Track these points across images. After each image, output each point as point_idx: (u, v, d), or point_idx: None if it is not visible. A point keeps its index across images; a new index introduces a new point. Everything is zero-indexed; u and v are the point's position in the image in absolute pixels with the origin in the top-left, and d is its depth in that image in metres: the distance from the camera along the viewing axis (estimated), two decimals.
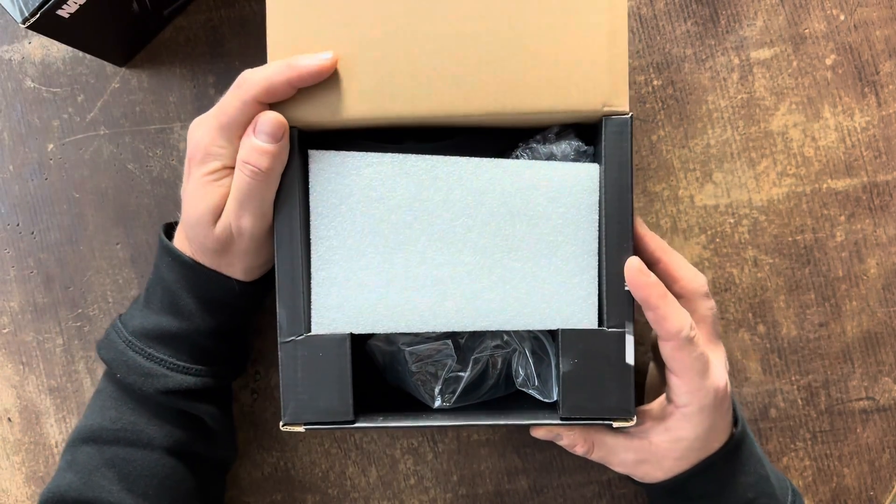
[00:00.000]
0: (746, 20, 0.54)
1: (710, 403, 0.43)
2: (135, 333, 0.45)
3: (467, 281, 0.43)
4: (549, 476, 0.56)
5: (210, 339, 0.46)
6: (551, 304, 0.43)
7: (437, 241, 0.42)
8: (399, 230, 0.42)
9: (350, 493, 0.56)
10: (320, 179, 0.42)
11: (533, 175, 0.42)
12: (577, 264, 0.43)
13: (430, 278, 0.43)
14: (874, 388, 0.55)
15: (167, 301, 0.45)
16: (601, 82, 0.41)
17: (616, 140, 0.42)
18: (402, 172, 0.42)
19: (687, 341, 0.41)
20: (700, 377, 0.43)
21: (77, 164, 0.55)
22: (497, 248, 0.43)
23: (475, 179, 0.42)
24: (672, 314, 0.41)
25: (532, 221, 0.43)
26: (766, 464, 0.48)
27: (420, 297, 0.43)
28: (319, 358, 0.42)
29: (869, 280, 0.55)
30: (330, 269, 0.42)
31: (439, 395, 0.46)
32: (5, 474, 0.56)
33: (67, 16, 0.44)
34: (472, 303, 0.43)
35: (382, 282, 0.42)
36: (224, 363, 0.48)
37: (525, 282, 0.43)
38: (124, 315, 0.48)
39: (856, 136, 0.54)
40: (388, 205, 0.42)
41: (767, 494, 0.47)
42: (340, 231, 0.42)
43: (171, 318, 0.45)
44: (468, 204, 0.42)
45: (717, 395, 0.43)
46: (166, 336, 0.45)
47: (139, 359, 0.45)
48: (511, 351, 0.47)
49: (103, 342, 0.47)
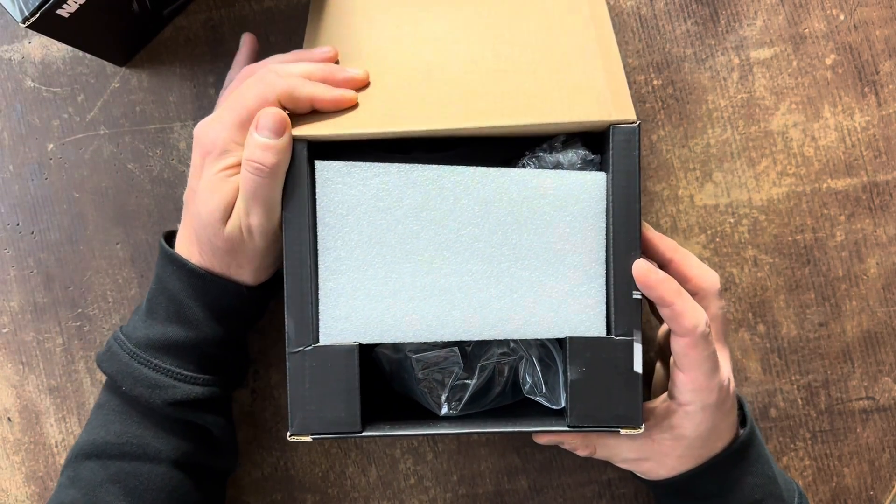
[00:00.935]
0: (746, 20, 0.54)
1: (714, 402, 0.43)
2: (139, 344, 0.45)
3: (474, 290, 0.43)
4: (548, 476, 0.56)
5: (217, 347, 0.46)
6: (559, 313, 0.43)
7: (444, 250, 0.43)
8: (406, 240, 0.42)
9: (350, 492, 0.56)
10: (327, 190, 0.42)
11: (540, 184, 0.42)
12: (585, 273, 0.43)
13: (438, 287, 0.43)
14: (874, 387, 0.55)
15: (173, 311, 0.45)
16: (604, 101, 0.42)
17: (624, 148, 0.41)
18: (409, 182, 0.42)
19: (702, 338, 0.41)
20: (708, 376, 0.42)
21: (77, 163, 0.55)
22: (504, 257, 0.43)
23: (482, 188, 0.42)
24: (688, 310, 0.41)
25: (539, 230, 0.43)
26: (773, 465, 0.48)
27: (427, 307, 0.43)
28: (328, 369, 0.42)
29: (869, 280, 0.55)
30: (337, 280, 0.43)
31: (446, 402, 0.46)
32: (5, 474, 0.56)
33: (67, 15, 0.44)
34: (480, 312, 0.43)
35: (390, 291, 0.43)
36: (229, 372, 0.48)
37: (532, 291, 0.43)
38: (125, 326, 0.47)
39: (856, 136, 0.54)
40: (394, 215, 0.42)
41: (775, 496, 0.46)
42: (348, 241, 0.42)
43: (177, 327, 0.45)
44: (475, 213, 0.42)
45: (720, 395, 0.43)
46: (173, 346, 0.45)
47: (145, 370, 0.44)
48: (518, 358, 0.47)
49: (105, 355, 0.46)
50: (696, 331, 0.41)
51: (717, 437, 0.45)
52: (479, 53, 0.43)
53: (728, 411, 0.45)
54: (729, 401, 0.45)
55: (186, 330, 0.45)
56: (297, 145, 0.41)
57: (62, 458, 0.56)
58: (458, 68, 0.42)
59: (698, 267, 0.45)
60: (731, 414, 0.46)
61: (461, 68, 0.42)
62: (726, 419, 0.45)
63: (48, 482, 0.56)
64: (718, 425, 0.45)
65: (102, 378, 0.55)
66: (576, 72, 0.42)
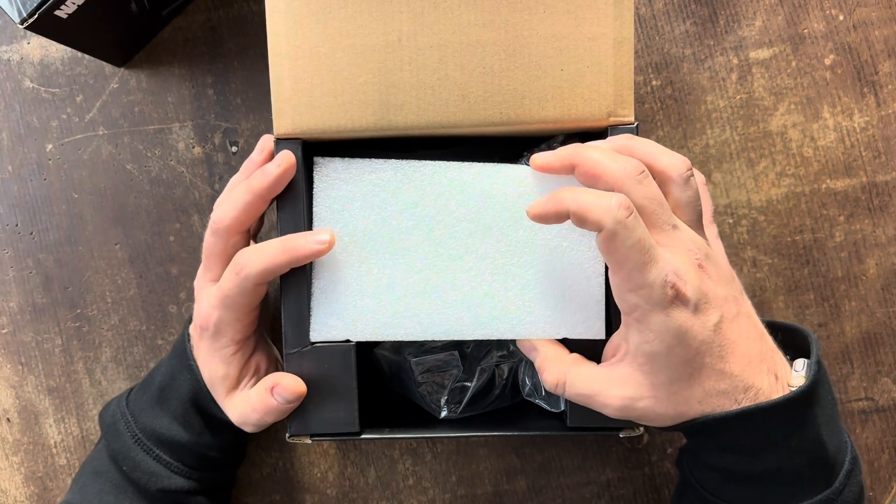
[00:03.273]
0: (745, 20, 0.54)
1: (663, 301, 0.35)
2: (145, 431, 0.46)
3: (470, 288, 0.42)
4: (547, 476, 0.56)
5: (217, 451, 0.48)
6: (557, 312, 0.42)
7: (439, 247, 0.42)
8: (401, 236, 0.42)
9: (349, 493, 0.56)
10: (323, 186, 0.42)
11: (536, 180, 0.42)
12: (584, 270, 0.42)
13: (432, 285, 0.42)
14: (873, 388, 0.55)
15: (180, 413, 0.46)
16: (607, 93, 0.41)
17: None
18: (404, 178, 0.42)
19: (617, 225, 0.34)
20: (639, 271, 0.35)
21: (76, 164, 0.55)
22: (500, 254, 0.42)
23: (478, 184, 0.42)
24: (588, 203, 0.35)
25: (536, 227, 0.42)
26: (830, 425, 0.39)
27: (421, 304, 0.42)
28: (325, 370, 0.42)
29: (868, 280, 0.55)
30: (330, 276, 0.42)
31: (445, 405, 0.46)
32: (4, 475, 0.56)
33: (66, 16, 0.44)
34: (475, 310, 0.42)
35: (383, 288, 0.42)
36: (227, 470, 0.51)
37: (529, 289, 0.42)
38: (132, 400, 0.48)
39: (855, 137, 0.54)
40: (389, 211, 0.42)
41: (821, 461, 0.38)
42: (342, 237, 0.42)
43: (181, 429, 0.46)
44: (471, 209, 0.42)
45: (670, 292, 0.35)
46: (175, 444, 0.46)
47: (149, 460, 0.46)
48: (517, 361, 0.47)
49: (110, 427, 0.47)
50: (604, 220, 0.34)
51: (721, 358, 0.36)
52: (484, 38, 0.41)
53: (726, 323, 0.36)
54: (712, 307, 0.36)
55: (189, 434, 0.46)
56: (291, 144, 0.41)
57: (61, 458, 0.56)
58: (459, 54, 0.40)
59: (661, 154, 0.38)
60: (740, 332, 0.37)
61: (463, 54, 0.41)
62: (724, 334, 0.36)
63: (47, 483, 0.56)
64: (692, 331, 0.36)
65: (102, 378, 0.56)
66: (582, 67, 0.41)
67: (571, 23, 0.41)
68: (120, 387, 0.56)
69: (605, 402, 0.38)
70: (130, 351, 0.56)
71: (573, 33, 0.41)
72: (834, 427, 0.39)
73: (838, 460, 0.39)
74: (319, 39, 0.41)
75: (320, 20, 0.41)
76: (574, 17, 0.41)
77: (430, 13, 0.41)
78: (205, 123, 0.55)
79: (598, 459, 0.56)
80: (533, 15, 0.41)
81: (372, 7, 0.41)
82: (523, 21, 0.41)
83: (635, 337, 0.37)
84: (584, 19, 0.41)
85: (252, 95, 0.55)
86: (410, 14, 0.41)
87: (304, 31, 0.41)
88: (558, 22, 0.41)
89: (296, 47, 0.41)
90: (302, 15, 0.41)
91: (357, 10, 0.41)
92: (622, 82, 0.42)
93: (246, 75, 0.54)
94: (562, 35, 0.41)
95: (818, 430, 0.38)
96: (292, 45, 0.41)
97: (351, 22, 0.41)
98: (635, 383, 0.37)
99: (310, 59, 0.41)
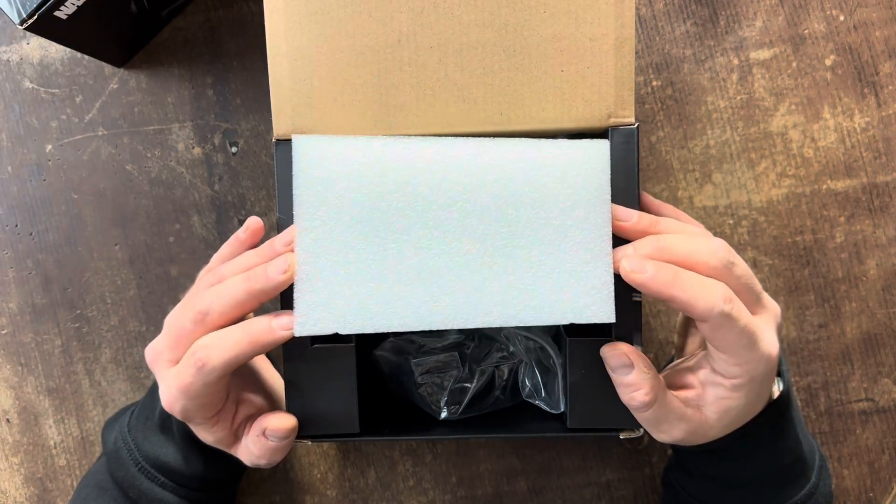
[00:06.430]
0: (746, 21, 0.54)
1: (762, 373, 0.39)
2: (149, 460, 0.46)
3: (467, 272, 0.39)
4: (547, 478, 0.56)
5: (222, 472, 0.48)
6: (561, 296, 0.39)
7: (433, 228, 0.39)
8: (391, 218, 0.39)
9: (349, 494, 0.56)
10: (304, 166, 0.39)
11: (537, 154, 0.39)
12: (590, 251, 0.39)
13: (426, 270, 0.39)
14: (874, 389, 0.55)
15: (184, 443, 0.46)
16: (607, 94, 0.41)
17: (623, 150, 0.40)
18: (393, 155, 0.39)
19: (723, 318, 0.36)
20: (748, 349, 0.38)
21: (75, 164, 0.55)
22: (499, 236, 0.39)
23: (473, 160, 0.39)
24: (695, 295, 0.36)
25: (537, 205, 0.39)
26: (801, 425, 0.46)
27: (415, 292, 0.39)
28: (325, 370, 0.41)
29: (868, 281, 0.55)
30: (315, 264, 0.39)
31: (445, 406, 0.46)
32: (4, 475, 0.56)
33: (65, 17, 0.44)
34: (473, 297, 0.39)
35: (373, 276, 0.39)
36: (230, 484, 0.51)
37: (531, 272, 0.39)
38: (133, 426, 0.47)
39: (855, 137, 0.54)
40: (377, 191, 0.39)
41: (801, 459, 0.44)
42: (326, 221, 0.39)
43: (187, 457, 0.46)
44: (466, 187, 0.39)
45: (768, 365, 0.39)
46: (177, 473, 0.46)
47: (154, 487, 0.46)
48: (517, 362, 0.47)
49: (113, 455, 0.47)
50: (712, 313, 0.36)
51: (761, 402, 0.42)
52: (484, 38, 0.41)
53: (772, 376, 0.41)
54: (775, 366, 0.40)
55: (194, 461, 0.46)
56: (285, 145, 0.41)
57: (61, 459, 0.56)
58: (459, 55, 0.39)
59: (698, 242, 0.39)
60: (773, 376, 0.42)
61: (462, 54, 0.40)
62: (770, 384, 0.42)
63: (47, 483, 0.56)
64: (763, 392, 0.41)
65: (102, 379, 0.55)
66: (582, 68, 0.41)
67: (572, 23, 0.41)
68: (120, 387, 0.56)
69: (668, 430, 0.41)
70: (130, 352, 0.56)
71: (574, 34, 0.41)
72: (802, 427, 0.45)
73: (812, 457, 0.45)
74: (319, 40, 0.41)
75: (319, 20, 0.41)
76: (574, 17, 0.41)
77: (429, 13, 0.40)
78: (204, 124, 0.55)
79: (599, 461, 0.56)
80: (533, 15, 0.41)
81: (371, 7, 0.40)
82: (523, 21, 0.41)
83: (720, 392, 0.40)
84: (584, 20, 0.41)
85: (252, 96, 0.54)
86: (410, 14, 0.41)
87: (304, 32, 0.41)
88: (559, 22, 0.41)
89: (295, 47, 0.41)
90: (301, 15, 0.41)
91: (356, 10, 0.41)
92: (623, 83, 0.41)
93: (245, 75, 0.54)
94: (562, 36, 0.41)
95: (796, 430, 0.44)
96: (291, 46, 0.41)
97: (350, 22, 0.41)
98: (704, 425, 0.41)
99: (309, 59, 0.41)
